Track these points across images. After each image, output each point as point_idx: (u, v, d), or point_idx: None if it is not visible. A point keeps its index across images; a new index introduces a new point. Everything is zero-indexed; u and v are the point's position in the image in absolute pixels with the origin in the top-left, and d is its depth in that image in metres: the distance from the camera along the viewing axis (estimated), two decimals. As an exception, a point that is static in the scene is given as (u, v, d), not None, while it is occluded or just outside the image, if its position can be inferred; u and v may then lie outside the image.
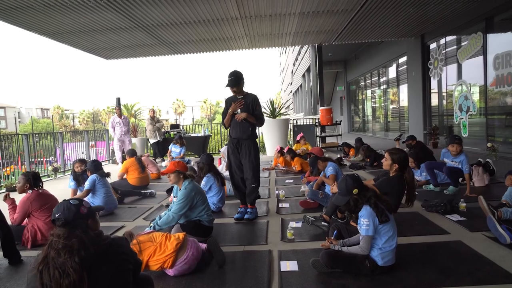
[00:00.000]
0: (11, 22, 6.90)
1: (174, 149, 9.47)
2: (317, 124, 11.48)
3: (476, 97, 8.52)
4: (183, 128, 13.32)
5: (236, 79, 4.05)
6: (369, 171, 6.96)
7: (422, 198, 4.49)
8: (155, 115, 11.37)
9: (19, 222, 3.69)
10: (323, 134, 11.58)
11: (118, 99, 11.50)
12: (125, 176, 6.40)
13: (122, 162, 8.42)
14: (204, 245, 3.04)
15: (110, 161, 11.63)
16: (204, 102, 68.96)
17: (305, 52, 18.77)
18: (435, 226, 3.66)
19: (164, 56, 11.31)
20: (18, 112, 70.55)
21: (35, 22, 7.03)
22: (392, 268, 2.63)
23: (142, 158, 7.06)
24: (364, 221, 2.56)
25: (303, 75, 21.65)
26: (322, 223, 3.74)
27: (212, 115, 65.20)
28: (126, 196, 5.73)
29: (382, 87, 15.46)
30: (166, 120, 56.75)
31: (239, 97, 4.13)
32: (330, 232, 3.14)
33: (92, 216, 1.85)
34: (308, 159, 7.34)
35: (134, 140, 11.97)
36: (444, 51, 9.72)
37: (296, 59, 25.17)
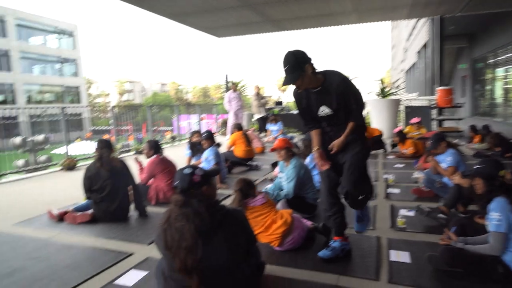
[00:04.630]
0: (139, 6, 7.69)
1: (272, 128, 9.61)
2: (433, 106, 10.35)
3: None
4: (286, 105, 13.42)
5: (292, 68, 2.32)
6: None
7: None
8: (259, 91, 11.65)
9: (146, 182, 4.21)
10: (440, 117, 10.41)
11: (226, 76, 12.11)
12: (232, 148, 6.76)
13: (230, 135, 8.90)
14: (309, 222, 3.02)
15: (218, 133, 12.42)
16: (307, 79, 68.19)
17: (422, 26, 16.88)
18: None
19: (270, 34, 11.37)
20: (143, 86, 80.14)
21: (158, 4, 7.71)
22: (532, 278, 2.24)
23: (248, 132, 7.33)
24: (495, 215, 2.23)
25: (419, 52, 19.60)
26: (440, 215, 3.37)
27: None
28: (234, 166, 6.10)
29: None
30: (270, 97, 57.89)
31: (314, 91, 2.48)
32: (450, 226, 2.81)
33: (207, 183, 1.88)
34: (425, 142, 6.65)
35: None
36: None
37: (411, 34, 22.83)
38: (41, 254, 2.80)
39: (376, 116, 10.21)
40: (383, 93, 10.22)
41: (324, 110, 2.49)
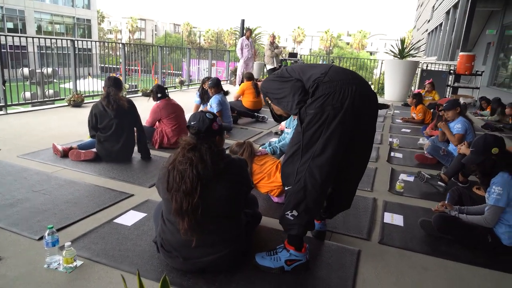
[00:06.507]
0: None
1: None
2: (451, 71, 9.98)
3: None
4: (301, 57, 13.02)
5: None
6: (509, 135, 5.90)
7: None
8: (274, 41, 11.25)
9: (151, 125, 4.22)
10: (456, 84, 10.08)
11: (243, 21, 11.61)
12: (240, 98, 6.67)
13: (239, 84, 8.74)
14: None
15: (228, 81, 12.23)
16: (325, 32, 65.73)
17: (456, -17, 15.77)
18: None
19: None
20: (155, 25, 77.89)
21: None
22: (519, 252, 2.27)
23: (258, 83, 7.18)
24: (497, 189, 2.23)
25: (447, 12, 18.52)
26: (439, 183, 3.37)
27: (330, 48, 62.15)
28: (241, 116, 6.07)
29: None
30: (284, 48, 56.27)
31: None
32: (449, 195, 2.82)
33: (220, 134, 1.91)
34: (433, 110, 6.53)
35: (252, 64, 12.21)
36: None
37: (442, -9, 21.42)
38: (44, 187, 2.87)
39: (390, 77, 9.92)
40: (402, 54, 9.82)
41: None
